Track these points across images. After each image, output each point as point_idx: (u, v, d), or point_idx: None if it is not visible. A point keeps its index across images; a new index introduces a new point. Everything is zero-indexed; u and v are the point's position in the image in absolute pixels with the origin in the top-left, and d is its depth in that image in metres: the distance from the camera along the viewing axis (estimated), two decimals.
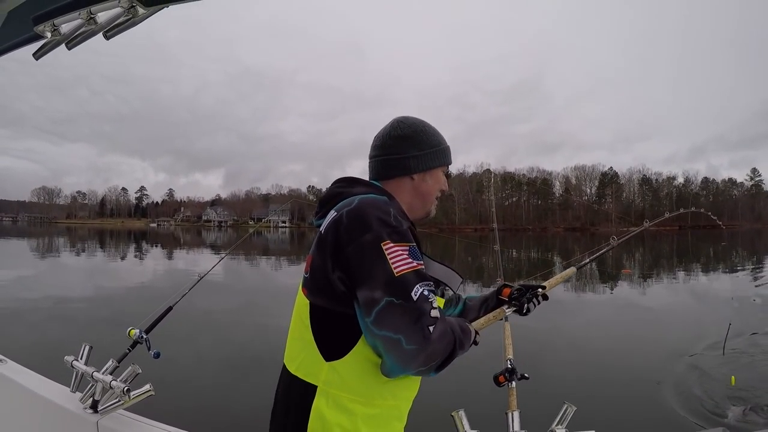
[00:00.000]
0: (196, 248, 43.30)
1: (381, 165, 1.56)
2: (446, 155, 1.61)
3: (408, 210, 1.53)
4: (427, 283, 1.29)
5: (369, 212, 1.33)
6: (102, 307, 11.37)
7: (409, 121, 1.59)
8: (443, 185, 1.62)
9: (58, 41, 1.23)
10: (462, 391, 5.25)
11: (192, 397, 5.65)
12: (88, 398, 2.43)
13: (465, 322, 1.47)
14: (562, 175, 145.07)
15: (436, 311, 1.26)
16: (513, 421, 1.80)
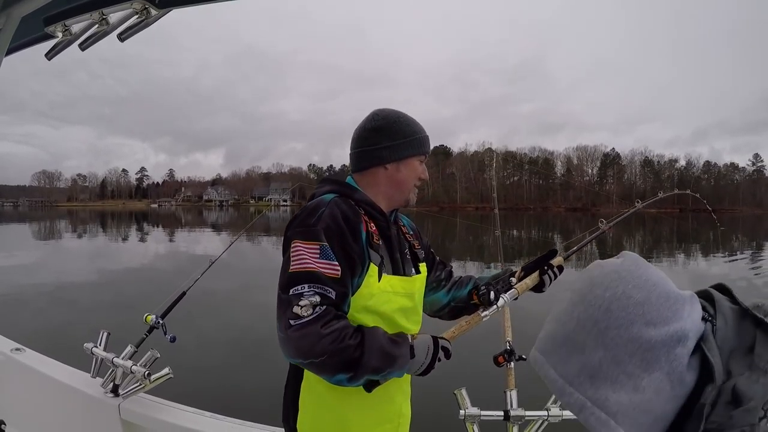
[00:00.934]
0: (198, 228, 43.25)
1: (356, 157, 1.60)
2: (421, 145, 1.60)
3: (385, 199, 1.58)
4: (314, 285, 1.31)
5: (301, 213, 1.44)
6: (110, 292, 11.40)
7: (384, 113, 1.60)
8: (421, 174, 1.62)
9: (69, 41, 1.24)
10: (463, 371, 5.36)
11: (206, 378, 5.75)
12: (108, 383, 2.51)
13: (402, 343, 1.39)
14: (563, 155, 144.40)
15: (302, 309, 1.27)
16: (511, 399, 1.91)
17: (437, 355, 1.42)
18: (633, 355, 0.71)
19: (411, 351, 1.38)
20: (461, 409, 1.89)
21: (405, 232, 1.71)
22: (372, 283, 1.44)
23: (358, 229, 1.43)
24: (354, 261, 1.38)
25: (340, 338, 1.28)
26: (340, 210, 1.42)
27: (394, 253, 1.55)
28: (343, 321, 1.33)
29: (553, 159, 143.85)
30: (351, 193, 1.53)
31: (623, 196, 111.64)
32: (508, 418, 1.86)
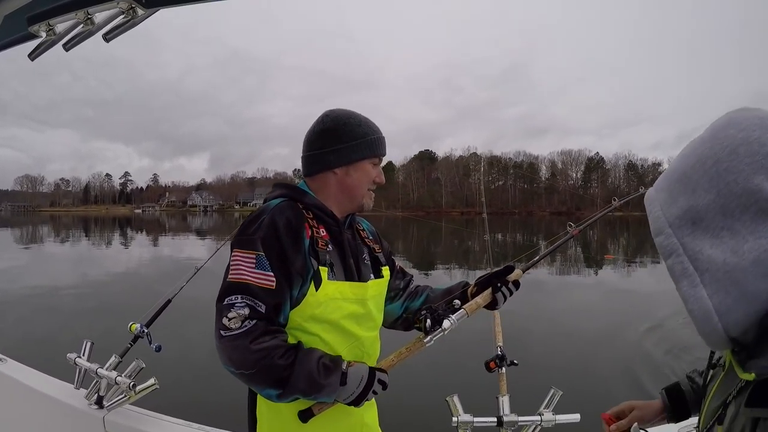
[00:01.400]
0: (182, 234, 42.92)
1: (305, 162, 1.57)
2: (373, 147, 1.54)
3: (336, 204, 1.54)
4: (246, 297, 1.31)
5: (246, 220, 1.44)
6: (93, 299, 11.23)
7: (333, 114, 1.56)
8: (376, 177, 1.57)
9: (53, 41, 1.20)
10: (455, 377, 5.41)
11: (194, 389, 5.67)
12: (93, 394, 2.44)
13: (333, 371, 1.36)
14: (548, 159, 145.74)
15: (230, 321, 1.28)
16: (503, 405, 1.90)
17: (371, 387, 1.38)
18: (745, 209, 0.63)
19: (344, 378, 1.36)
20: (453, 416, 1.87)
21: (364, 237, 1.68)
22: (319, 291, 1.40)
23: (299, 237, 1.39)
24: (291, 271, 1.35)
25: (269, 356, 1.28)
26: (282, 217, 1.39)
27: (347, 259, 1.52)
28: (275, 339, 1.31)
29: (538, 163, 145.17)
30: (300, 198, 1.50)
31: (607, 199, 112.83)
32: (501, 424, 1.85)
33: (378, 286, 1.60)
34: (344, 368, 1.37)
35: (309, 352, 1.35)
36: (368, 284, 1.54)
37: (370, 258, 1.64)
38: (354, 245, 1.58)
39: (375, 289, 1.57)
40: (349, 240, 1.56)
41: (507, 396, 1.93)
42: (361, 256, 1.59)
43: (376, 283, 1.59)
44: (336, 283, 1.44)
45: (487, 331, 2.23)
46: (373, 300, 1.56)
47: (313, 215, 1.48)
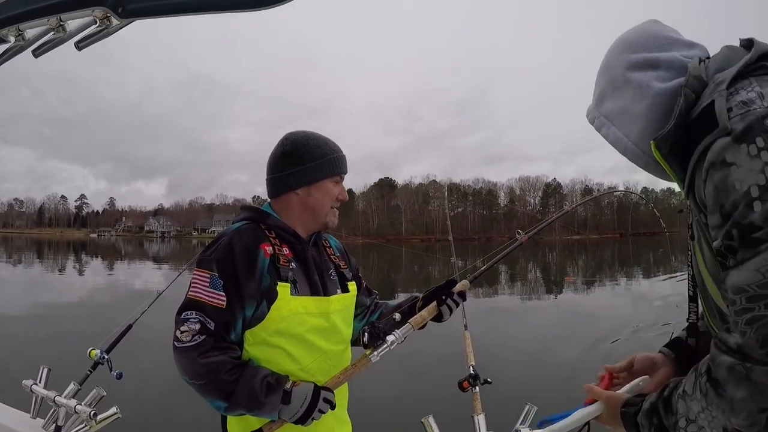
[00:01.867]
0: (138, 260, 41.90)
1: (269, 185, 1.63)
2: (333, 166, 1.59)
3: (301, 224, 1.59)
4: (199, 313, 1.39)
5: (210, 242, 1.53)
6: (47, 326, 10.79)
7: (292, 137, 1.61)
8: (338, 195, 1.62)
9: (22, 47, 1.17)
10: (429, 398, 5.39)
11: (157, 418, 5.50)
12: (50, 424, 2.33)
13: (275, 390, 1.40)
14: (506, 185, 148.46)
15: (182, 334, 1.38)
16: (479, 424, 1.90)
17: (315, 406, 1.41)
18: (618, 75, 1.07)
19: (287, 397, 1.39)
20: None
21: (331, 254, 1.72)
22: (281, 306, 1.45)
23: (254, 259, 1.45)
24: (242, 292, 1.41)
25: (215, 371, 1.36)
26: (239, 240, 1.47)
27: (311, 275, 1.57)
28: (223, 355, 1.39)
29: (497, 190, 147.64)
30: (264, 220, 1.56)
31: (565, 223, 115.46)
32: None
33: (343, 301, 1.64)
34: (288, 387, 1.41)
35: (255, 371, 1.41)
36: (331, 299, 1.58)
37: (337, 274, 1.68)
38: (319, 261, 1.63)
39: (339, 303, 1.61)
40: (314, 257, 1.61)
41: (482, 414, 1.93)
42: (327, 272, 1.64)
43: (341, 297, 1.63)
44: (299, 298, 1.49)
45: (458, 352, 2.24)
46: (339, 314, 1.60)
47: (276, 235, 1.54)
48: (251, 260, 1.44)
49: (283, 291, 1.46)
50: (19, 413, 2.52)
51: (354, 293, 1.72)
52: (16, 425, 2.43)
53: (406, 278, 24.72)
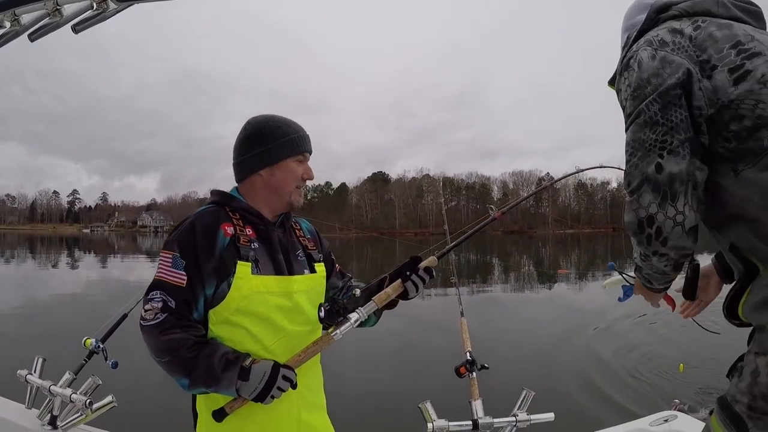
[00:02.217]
0: (132, 255, 41.67)
1: (235, 169, 1.68)
2: (294, 145, 1.63)
3: (266, 205, 1.63)
4: (162, 293, 1.45)
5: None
6: (41, 321, 10.67)
7: (254, 120, 1.67)
8: (304, 174, 1.66)
9: (18, 32, 1.17)
10: (426, 384, 5.43)
11: (153, 406, 5.47)
12: (46, 414, 2.34)
13: (232, 366, 1.42)
14: (500, 180, 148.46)
15: (146, 313, 1.44)
16: (477, 409, 1.91)
17: (274, 383, 1.42)
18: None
19: (245, 374, 1.41)
20: (428, 422, 1.86)
21: (300, 236, 1.76)
22: (242, 285, 1.49)
23: (214, 239, 1.49)
24: (202, 271, 1.46)
25: (176, 348, 1.40)
26: (200, 222, 1.52)
27: (275, 255, 1.60)
28: (185, 333, 1.43)
29: (490, 184, 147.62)
30: (228, 202, 1.61)
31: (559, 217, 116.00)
32: (476, 427, 1.85)
33: (310, 281, 1.66)
34: (246, 364, 1.42)
35: (215, 347, 1.44)
36: (294, 278, 1.60)
37: (305, 254, 1.71)
38: (286, 242, 1.66)
39: (304, 283, 1.63)
40: (280, 237, 1.64)
41: (480, 400, 1.93)
42: (293, 253, 1.67)
43: (307, 277, 1.66)
44: (261, 277, 1.52)
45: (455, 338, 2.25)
46: (304, 294, 1.62)
47: (240, 216, 1.59)
48: (211, 240, 1.49)
49: (243, 270, 1.49)
50: (14, 404, 2.52)
51: (321, 274, 1.73)
52: (11, 416, 2.42)
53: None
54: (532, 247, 46.16)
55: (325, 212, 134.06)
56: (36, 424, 2.34)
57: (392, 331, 9.91)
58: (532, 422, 1.88)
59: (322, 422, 1.71)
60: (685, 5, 1.37)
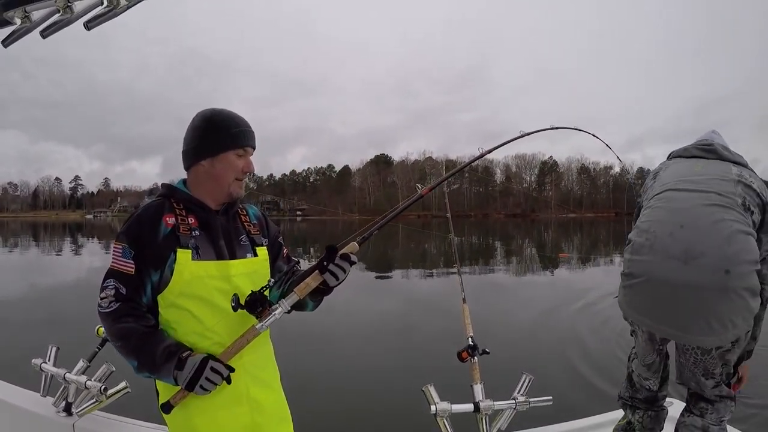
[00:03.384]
0: None
1: (182, 158, 1.76)
2: (236, 139, 1.71)
3: (208, 194, 1.72)
4: (114, 281, 1.58)
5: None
6: (49, 308, 10.74)
7: (201, 112, 1.75)
8: (244, 167, 1.73)
9: (28, 28, 1.18)
10: (429, 368, 5.52)
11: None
12: (61, 401, 2.40)
13: (171, 357, 1.53)
14: (503, 163, 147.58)
15: (102, 300, 1.57)
16: (478, 392, 1.97)
17: (201, 374, 1.51)
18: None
19: (180, 364, 1.52)
20: (431, 404, 1.93)
21: (245, 221, 1.84)
22: (183, 270, 1.59)
23: (156, 229, 1.61)
24: (146, 259, 1.58)
25: (127, 336, 1.54)
26: (144, 213, 1.64)
27: (217, 241, 1.69)
28: (136, 321, 1.56)
29: (493, 167, 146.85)
30: (172, 194, 1.72)
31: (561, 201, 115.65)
32: (478, 410, 1.92)
33: (249, 264, 1.75)
34: (183, 355, 1.54)
35: (159, 338, 1.57)
36: (231, 262, 1.69)
37: (248, 239, 1.80)
38: (228, 228, 1.75)
39: (243, 266, 1.72)
40: (222, 224, 1.73)
41: (481, 383, 1.99)
42: (236, 238, 1.76)
43: (246, 261, 1.74)
44: (200, 262, 1.63)
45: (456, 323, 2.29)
46: (245, 277, 1.71)
47: (184, 207, 1.69)
48: (153, 231, 1.60)
49: (183, 257, 1.60)
50: (29, 393, 2.57)
51: (262, 258, 1.81)
52: (27, 404, 2.47)
53: (403, 255, 24.80)
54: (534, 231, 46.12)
55: (328, 194, 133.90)
56: (51, 411, 2.39)
57: (394, 312, 10.01)
58: (531, 405, 1.95)
59: (271, 400, 1.78)
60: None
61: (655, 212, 2.17)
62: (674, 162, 2.35)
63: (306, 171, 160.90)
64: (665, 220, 2.09)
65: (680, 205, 2.09)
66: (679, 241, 1.99)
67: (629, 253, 2.20)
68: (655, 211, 2.17)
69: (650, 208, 2.20)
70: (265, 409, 1.73)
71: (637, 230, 2.20)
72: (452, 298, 2.23)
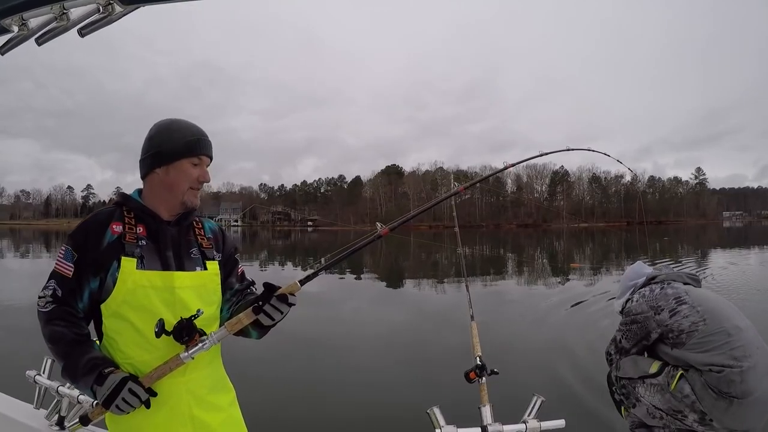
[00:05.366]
0: None
1: (139, 167, 1.76)
2: (189, 147, 1.69)
3: (162, 202, 1.71)
4: (52, 281, 1.60)
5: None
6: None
7: (158, 122, 1.76)
8: (199, 176, 1.73)
9: (25, 36, 1.19)
10: (435, 388, 5.32)
11: None
12: (53, 415, 2.35)
13: (91, 371, 1.53)
14: (513, 173, 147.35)
15: (39, 300, 1.60)
16: (486, 415, 1.87)
17: (118, 393, 1.49)
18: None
19: (101, 380, 1.51)
20: (436, 428, 1.83)
21: (199, 234, 1.81)
22: (126, 279, 1.58)
23: (101, 236, 1.61)
24: (86, 264, 1.59)
25: (57, 340, 1.56)
26: (93, 220, 1.65)
27: (164, 251, 1.67)
28: (67, 327, 1.56)
29: (504, 177, 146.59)
30: (125, 202, 1.72)
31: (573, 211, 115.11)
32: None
33: (197, 278, 1.71)
34: (105, 371, 1.52)
35: (86, 350, 1.56)
36: (176, 274, 1.66)
37: (200, 252, 1.77)
38: (179, 240, 1.73)
39: (191, 279, 1.69)
40: (173, 235, 1.71)
41: (489, 405, 1.90)
42: (186, 250, 1.74)
43: (193, 274, 1.70)
44: (144, 272, 1.61)
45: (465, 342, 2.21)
46: (191, 290, 1.68)
47: (135, 215, 1.69)
48: (98, 237, 1.61)
49: (127, 265, 1.59)
50: (22, 404, 2.52)
51: (212, 272, 1.77)
52: (19, 416, 2.42)
53: (414, 266, 24.71)
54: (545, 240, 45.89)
55: (339, 205, 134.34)
56: (44, 424, 2.34)
57: (403, 324, 9.89)
58: (542, 429, 1.84)
59: (219, 420, 1.71)
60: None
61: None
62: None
63: (317, 182, 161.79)
64: None
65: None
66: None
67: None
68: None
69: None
70: (213, 429, 1.68)
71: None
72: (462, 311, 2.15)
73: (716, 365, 2.28)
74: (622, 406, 2.63)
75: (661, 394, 2.36)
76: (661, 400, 2.36)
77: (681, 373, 2.33)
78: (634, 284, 2.81)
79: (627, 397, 2.54)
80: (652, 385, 2.40)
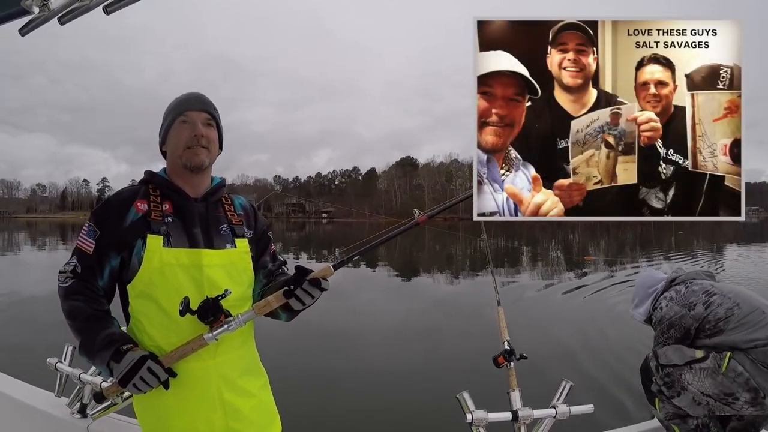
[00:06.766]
0: None
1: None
2: (175, 108, 1.68)
3: (178, 176, 1.67)
4: (74, 258, 1.57)
5: None
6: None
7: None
8: (192, 131, 1.64)
9: (47, 17, 1.18)
10: (464, 374, 5.31)
11: None
12: (75, 402, 2.34)
13: (108, 347, 1.47)
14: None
15: (60, 275, 1.57)
16: (516, 400, 1.85)
17: (136, 372, 1.44)
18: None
19: (119, 356, 1.45)
20: (467, 413, 1.80)
21: (229, 210, 1.75)
22: (152, 257, 1.52)
23: (124, 213, 1.56)
24: (108, 241, 1.55)
25: (75, 315, 1.52)
26: (116, 198, 1.62)
27: (191, 228, 1.61)
28: (86, 303, 1.53)
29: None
30: (151, 179, 1.67)
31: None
32: (516, 419, 1.80)
33: (226, 255, 1.64)
34: (123, 348, 1.47)
35: (104, 326, 1.51)
36: (204, 251, 1.59)
37: (230, 229, 1.70)
38: (207, 216, 1.66)
39: (219, 257, 1.62)
40: (200, 211, 1.65)
41: (518, 390, 1.87)
42: (215, 227, 1.67)
43: (222, 252, 1.63)
44: (171, 249, 1.55)
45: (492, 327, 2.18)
46: (221, 268, 1.61)
47: (160, 192, 1.64)
48: (121, 214, 1.57)
49: (153, 243, 1.53)
50: (44, 392, 2.51)
51: (242, 250, 1.69)
52: (41, 404, 2.41)
53: (430, 257, 24.67)
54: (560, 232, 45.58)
55: (354, 197, 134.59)
56: (65, 412, 2.33)
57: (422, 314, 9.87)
58: (572, 414, 1.82)
59: (250, 405, 1.65)
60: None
61: None
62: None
63: (331, 173, 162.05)
64: None
65: None
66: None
67: None
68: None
69: None
70: (244, 415, 1.61)
71: None
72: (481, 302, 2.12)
73: (761, 339, 2.29)
74: (657, 398, 2.55)
75: (713, 377, 2.30)
76: (713, 384, 2.30)
77: (729, 354, 2.30)
78: (654, 290, 2.73)
79: (670, 387, 2.44)
80: (702, 369, 2.34)
